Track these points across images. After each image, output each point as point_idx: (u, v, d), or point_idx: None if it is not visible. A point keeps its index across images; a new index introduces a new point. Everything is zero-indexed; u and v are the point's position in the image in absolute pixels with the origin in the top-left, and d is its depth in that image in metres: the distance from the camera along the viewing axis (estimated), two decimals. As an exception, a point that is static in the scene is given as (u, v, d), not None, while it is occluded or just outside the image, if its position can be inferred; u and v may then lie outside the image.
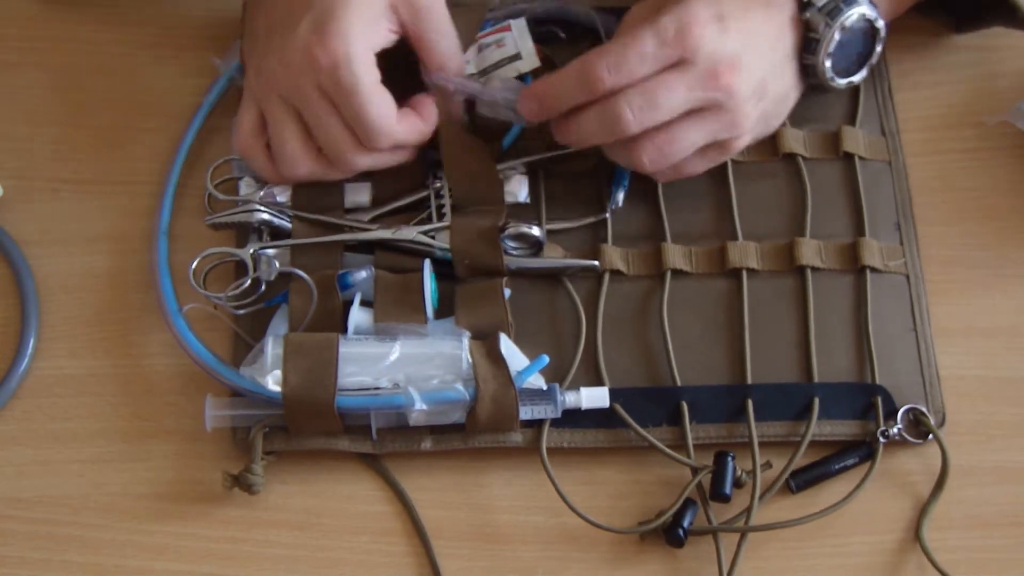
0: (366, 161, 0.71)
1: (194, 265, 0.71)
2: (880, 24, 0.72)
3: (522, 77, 0.77)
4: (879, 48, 0.74)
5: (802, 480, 0.70)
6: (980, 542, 0.69)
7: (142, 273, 0.74)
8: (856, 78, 0.74)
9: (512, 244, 0.73)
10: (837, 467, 0.70)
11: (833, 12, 0.70)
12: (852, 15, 0.70)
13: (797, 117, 0.77)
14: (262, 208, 0.72)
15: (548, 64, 0.77)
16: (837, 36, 0.71)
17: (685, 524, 0.68)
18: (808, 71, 0.72)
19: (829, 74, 0.72)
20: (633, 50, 0.66)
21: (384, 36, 0.69)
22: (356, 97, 0.67)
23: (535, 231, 0.72)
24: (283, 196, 0.73)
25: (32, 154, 0.78)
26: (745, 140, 0.71)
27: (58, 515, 0.70)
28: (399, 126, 0.69)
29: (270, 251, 0.72)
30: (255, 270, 0.71)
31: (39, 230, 0.76)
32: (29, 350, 0.73)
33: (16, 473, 0.70)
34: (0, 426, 0.71)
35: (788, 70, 0.72)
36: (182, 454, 0.71)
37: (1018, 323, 0.75)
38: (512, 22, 0.78)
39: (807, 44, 0.71)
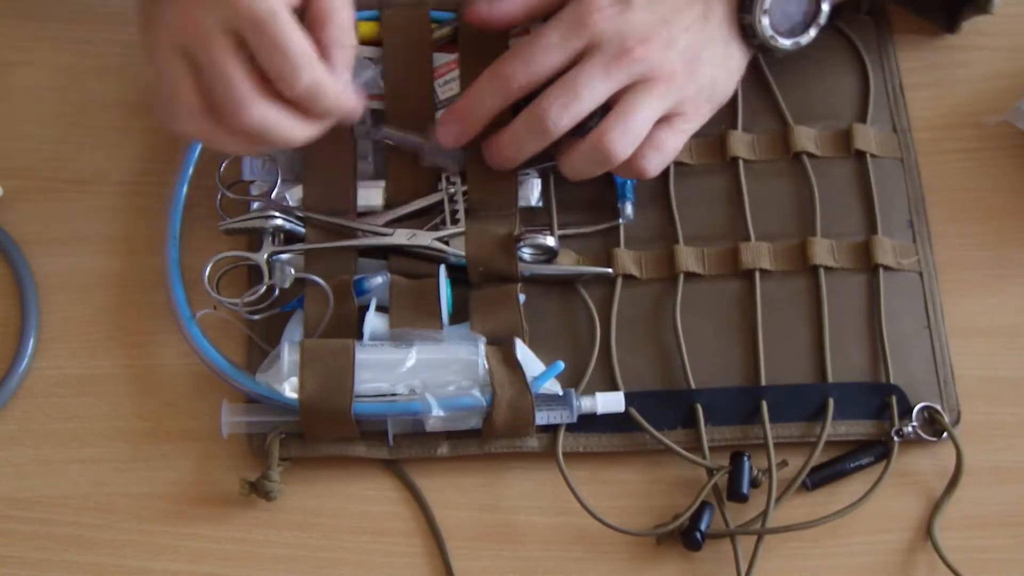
0: (263, 112, 0.63)
1: (207, 270, 0.71)
2: None
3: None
4: (825, 7, 0.72)
5: (817, 478, 0.69)
6: (981, 542, 0.69)
7: (143, 273, 0.74)
8: (803, 39, 0.73)
9: (526, 250, 0.73)
10: (852, 465, 0.70)
11: None
12: None
13: (807, 115, 0.77)
14: (277, 214, 0.72)
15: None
16: None
17: (702, 527, 0.67)
18: (747, 31, 0.71)
19: (768, 32, 0.71)
20: (538, 44, 0.66)
21: None
22: (272, 25, 0.61)
23: (550, 241, 0.72)
24: (294, 199, 0.74)
25: (32, 154, 0.78)
26: (695, 110, 0.70)
27: (58, 515, 0.69)
28: (320, 65, 0.63)
29: (284, 256, 0.72)
30: (270, 276, 0.71)
31: (39, 230, 0.76)
32: (29, 350, 0.72)
33: (16, 473, 0.70)
34: (0, 426, 0.71)
35: (724, 33, 0.71)
36: (182, 454, 0.70)
37: (1018, 324, 0.74)
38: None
39: (742, 3, 0.71)
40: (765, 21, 0.71)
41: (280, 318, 0.71)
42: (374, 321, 0.69)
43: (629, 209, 0.75)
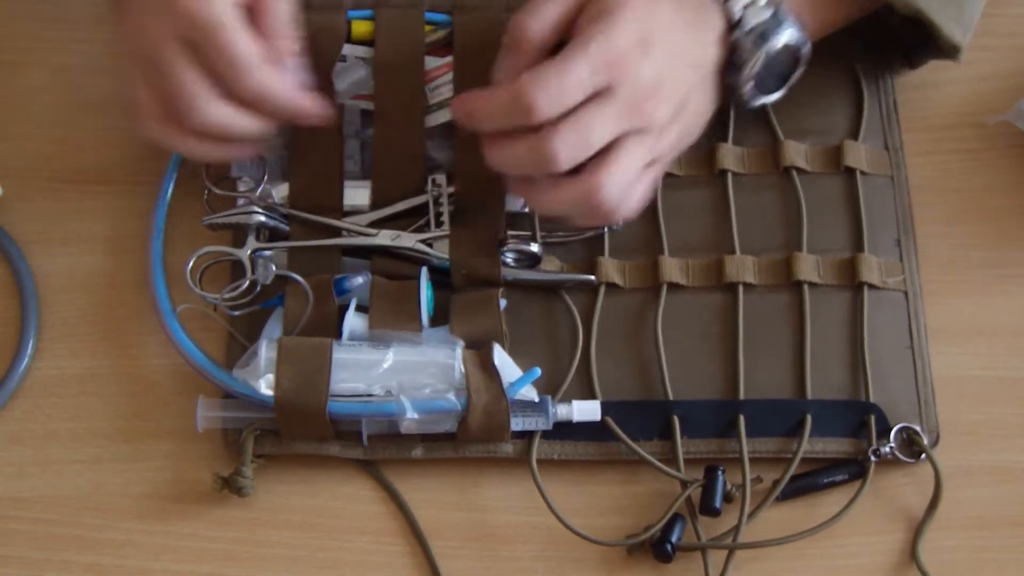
0: (219, 113, 0.66)
1: (190, 264, 0.71)
2: (806, 49, 0.70)
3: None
4: (800, 71, 0.71)
5: (789, 489, 0.69)
6: (980, 543, 0.69)
7: (142, 273, 0.74)
8: (773, 98, 0.73)
9: (510, 255, 0.73)
10: (825, 480, 0.69)
11: (762, 36, 0.68)
12: (780, 40, 0.68)
13: (799, 130, 0.76)
14: (260, 211, 0.72)
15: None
16: (762, 60, 0.69)
17: (673, 539, 0.67)
18: (728, 89, 0.72)
19: (749, 95, 0.71)
20: (570, 80, 0.64)
21: None
22: (219, 34, 0.64)
23: (534, 248, 0.72)
24: (279, 196, 0.74)
25: (32, 154, 0.78)
26: (668, 156, 0.69)
27: (58, 515, 0.69)
28: (269, 71, 0.65)
29: (267, 252, 0.72)
30: (252, 271, 0.71)
31: (39, 230, 0.76)
32: (29, 350, 0.73)
33: (16, 473, 0.70)
34: (0, 426, 0.71)
35: (709, 87, 0.69)
36: (183, 454, 0.70)
37: (1018, 323, 0.74)
38: None
39: (731, 64, 0.70)
40: (749, 85, 0.70)
41: (263, 315, 0.71)
42: (353, 321, 0.69)
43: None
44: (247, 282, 0.71)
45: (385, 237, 0.72)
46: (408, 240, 0.72)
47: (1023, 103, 0.77)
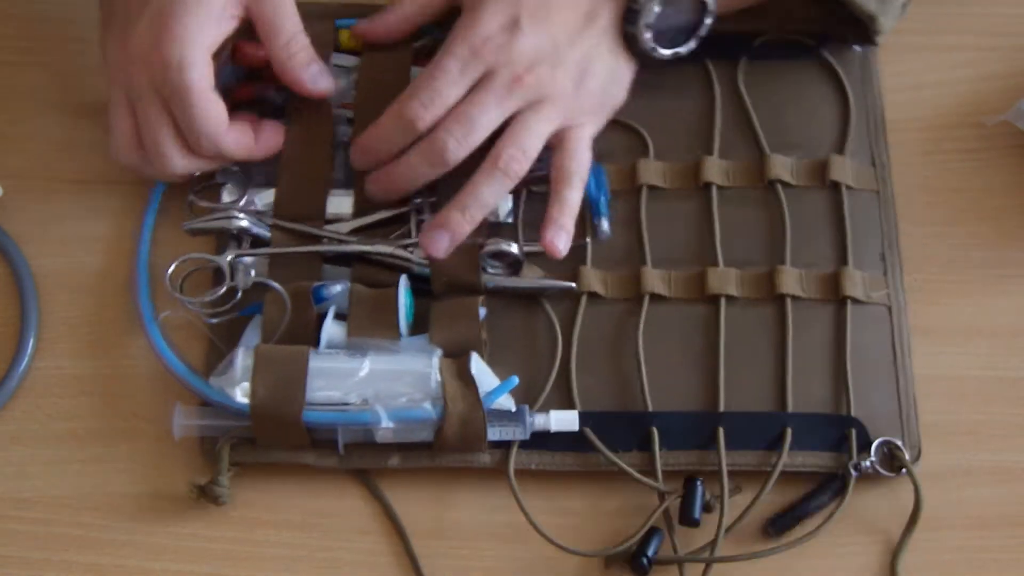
0: (183, 163, 0.71)
1: (171, 270, 0.70)
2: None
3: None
4: (708, 21, 0.72)
5: (781, 524, 0.68)
6: (980, 543, 0.69)
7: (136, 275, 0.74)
8: (683, 49, 0.73)
9: (491, 263, 0.73)
10: (814, 505, 0.69)
11: None
12: None
13: (785, 144, 0.76)
14: (241, 216, 0.72)
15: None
16: (657, 8, 0.70)
17: (650, 553, 0.67)
18: (629, 40, 0.72)
19: (649, 45, 0.72)
20: (440, 81, 0.68)
21: (226, 25, 0.69)
22: (187, 100, 0.67)
23: (514, 248, 0.71)
24: (263, 203, 0.74)
25: (32, 154, 0.78)
26: (590, 119, 0.72)
27: (58, 515, 0.69)
28: (227, 136, 0.70)
29: (248, 259, 0.72)
30: (232, 278, 0.71)
31: (39, 230, 0.76)
32: (29, 350, 0.73)
33: (16, 473, 0.70)
34: (0, 426, 0.71)
35: (607, 43, 0.71)
36: (183, 454, 0.71)
37: (1018, 323, 0.74)
38: None
39: (628, 14, 0.71)
40: (647, 35, 0.71)
41: (245, 321, 0.71)
42: (332, 329, 0.69)
43: (606, 225, 0.74)
44: (225, 288, 0.71)
45: (366, 244, 0.72)
46: (387, 246, 0.72)
47: (1023, 103, 0.77)
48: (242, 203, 0.73)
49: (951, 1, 0.83)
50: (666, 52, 0.73)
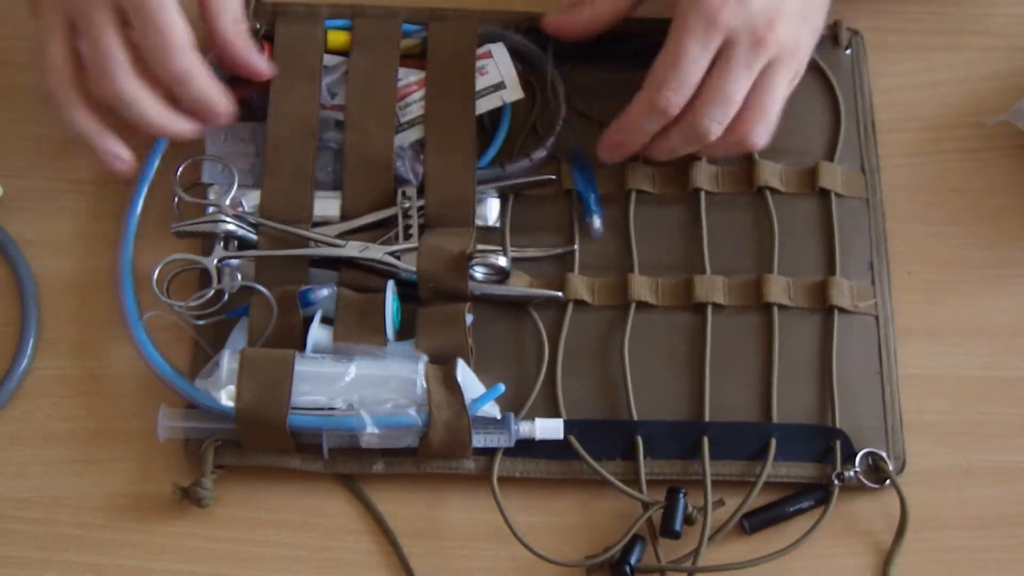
0: (131, 85, 0.67)
1: (157, 271, 0.70)
2: None
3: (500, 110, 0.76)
4: None
5: (756, 522, 0.68)
6: (980, 543, 0.69)
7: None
8: None
9: (478, 270, 0.73)
10: (792, 509, 0.68)
11: None
12: None
13: (774, 150, 0.74)
14: (228, 219, 0.72)
15: (529, 90, 0.76)
16: None
17: (632, 561, 0.67)
18: None
19: None
20: (684, 62, 0.66)
21: None
22: (161, 9, 0.65)
23: (502, 261, 0.71)
24: (250, 204, 0.73)
25: (32, 154, 0.78)
26: (806, 53, 0.71)
27: (58, 515, 0.69)
28: (191, 55, 0.66)
29: (234, 261, 0.71)
30: (219, 280, 0.71)
31: (39, 230, 0.75)
32: (29, 350, 0.73)
33: (16, 473, 0.70)
34: (0, 426, 0.71)
35: None
36: (183, 455, 0.71)
37: (1019, 323, 0.74)
38: (492, 47, 0.76)
39: None
40: None
41: (231, 324, 0.71)
42: (318, 333, 0.69)
43: (598, 223, 0.74)
44: (212, 291, 0.70)
45: (353, 248, 0.71)
46: (376, 252, 0.71)
47: (1023, 103, 0.77)
48: (228, 202, 0.73)
49: (951, 1, 0.83)
50: None
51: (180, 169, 0.73)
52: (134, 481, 0.70)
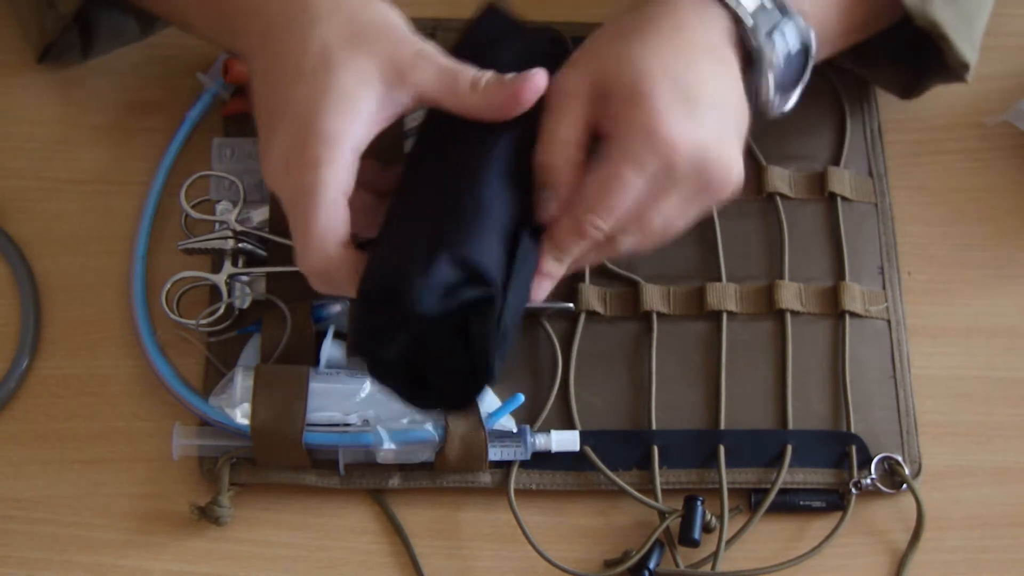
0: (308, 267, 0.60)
1: (166, 289, 0.69)
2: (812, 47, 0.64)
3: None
4: (808, 71, 0.65)
5: (758, 500, 0.68)
6: (980, 543, 0.69)
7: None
8: (790, 102, 0.66)
9: None
10: (802, 503, 0.68)
11: (774, 33, 0.62)
12: (793, 37, 0.63)
13: (783, 155, 0.74)
14: (236, 235, 0.70)
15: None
16: (783, 60, 0.63)
17: (651, 567, 0.66)
18: (752, 95, 0.64)
19: (772, 95, 0.64)
20: (620, 194, 0.59)
21: (389, 111, 0.60)
22: (307, 199, 0.57)
23: None
24: (259, 219, 0.72)
25: (32, 154, 0.77)
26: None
27: (58, 515, 0.69)
28: (342, 251, 0.58)
29: (245, 277, 0.71)
30: (229, 296, 0.70)
31: (39, 230, 0.75)
32: (29, 350, 0.73)
33: (16, 473, 0.69)
34: (0, 426, 0.71)
35: (742, 95, 0.64)
36: (182, 455, 0.70)
37: (1018, 324, 0.73)
38: None
39: (753, 66, 0.63)
40: (772, 87, 0.64)
41: (242, 340, 0.70)
42: (331, 349, 0.67)
43: None
44: (222, 307, 0.69)
45: None
46: None
47: (1023, 103, 0.77)
48: (236, 217, 0.72)
49: (951, 2, 0.82)
50: (784, 108, 0.66)
51: (186, 186, 0.72)
52: (134, 481, 0.69)
